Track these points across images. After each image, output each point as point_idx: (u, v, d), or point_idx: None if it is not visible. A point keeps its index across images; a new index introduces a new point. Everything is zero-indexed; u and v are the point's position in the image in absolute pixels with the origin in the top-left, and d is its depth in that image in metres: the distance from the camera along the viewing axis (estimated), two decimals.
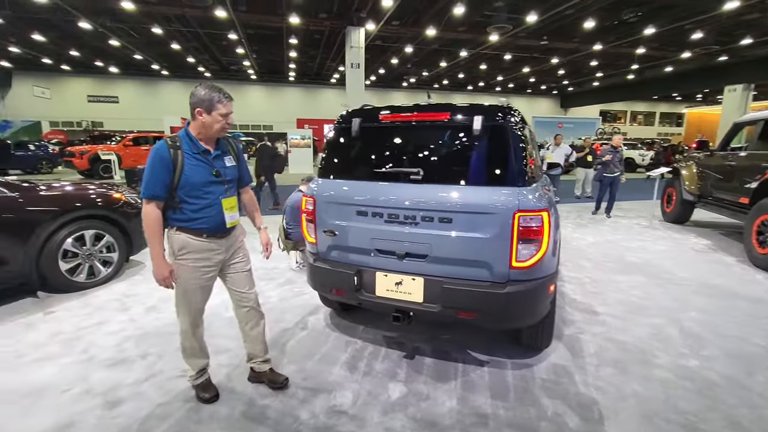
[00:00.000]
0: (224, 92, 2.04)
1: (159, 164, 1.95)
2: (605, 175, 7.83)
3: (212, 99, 1.99)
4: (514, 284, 2.30)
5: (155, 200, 1.98)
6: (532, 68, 24.34)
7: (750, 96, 20.26)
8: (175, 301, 2.18)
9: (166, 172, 1.95)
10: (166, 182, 1.96)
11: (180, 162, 1.98)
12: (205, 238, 2.10)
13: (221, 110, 2.01)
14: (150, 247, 2.00)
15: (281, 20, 15.44)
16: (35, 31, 17.25)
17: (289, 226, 4.69)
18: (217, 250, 2.16)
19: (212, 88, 2.02)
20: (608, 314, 3.51)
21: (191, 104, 2.02)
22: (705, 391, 2.43)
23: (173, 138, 2.04)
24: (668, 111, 38.21)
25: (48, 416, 2.15)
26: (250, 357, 2.46)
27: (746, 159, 5.46)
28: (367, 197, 2.54)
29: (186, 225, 2.06)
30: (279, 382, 2.42)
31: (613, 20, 15.22)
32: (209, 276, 2.17)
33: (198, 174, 2.03)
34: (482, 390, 2.45)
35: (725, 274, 4.59)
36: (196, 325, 2.23)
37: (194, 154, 2.04)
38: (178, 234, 2.07)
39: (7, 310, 3.45)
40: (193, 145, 2.04)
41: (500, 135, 2.38)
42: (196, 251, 2.09)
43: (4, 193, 3.39)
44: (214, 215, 2.09)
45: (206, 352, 2.35)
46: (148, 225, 1.99)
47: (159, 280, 2.05)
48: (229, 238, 2.22)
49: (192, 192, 2.02)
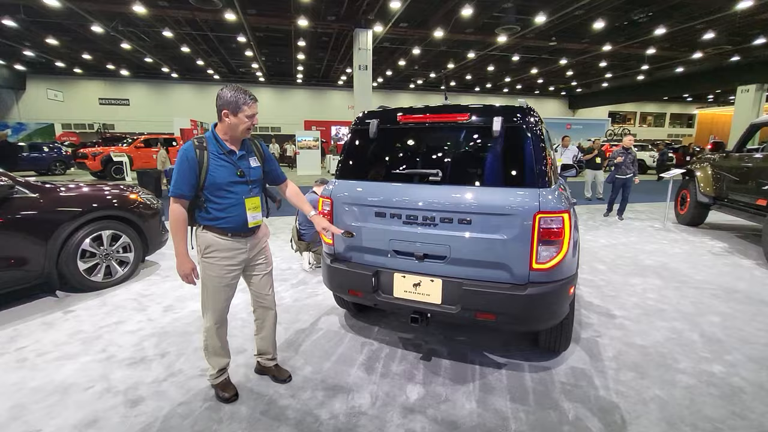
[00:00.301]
0: (250, 94, 2.08)
1: (186, 164, 2.01)
2: (617, 177, 7.74)
3: (238, 101, 2.03)
4: (534, 286, 2.29)
5: (182, 199, 2.04)
6: (541, 69, 24.21)
7: (763, 97, 19.98)
8: (201, 299, 2.24)
9: (192, 172, 2.01)
10: (192, 182, 2.03)
11: (206, 162, 2.03)
12: (230, 237, 2.15)
13: (247, 111, 2.06)
14: (174, 244, 2.08)
15: (290, 23, 15.54)
16: (49, 35, 17.52)
17: (302, 227, 4.71)
18: (241, 249, 2.21)
19: (238, 90, 2.06)
20: (625, 317, 3.47)
21: (218, 106, 2.07)
22: (731, 398, 2.38)
23: (200, 139, 2.09)
24: (679, 112, 37.77)
25: (73, 413, 2.18)
26: (260, 352, 2.55)
27: (764, 160, 5.38)
28: (386, 198, 2.54)
29: (212, 224, 2.12)
30: (283, 378, 2.50)
31: (622, 20, 15.10)
32: (233, 274, 2.22)
33: (222, 174, 2.07)
34: (501, 392, 2.44)
35: (744, 277, 4.52)
36: (220, 323, 2.27)
37: (219, 154, 2.09)
38: (204, 233, 2.14)
39: (27, 309, 3.50)
40: (218, 145, 2.10)
41: (520, 136, 2.37)
42: (222, 250, 2.14)
43: (25, 194, 3.43)
44: (238, 215, 2.14)
45: (228, 351, 2.38)
46: (173, 222, 2.06)
47: (182, 276, 2.11)
48: (252, 238, 2.27)
49: (216, 191, 2.08)
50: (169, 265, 4.78)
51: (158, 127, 26.22)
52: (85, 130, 27.96)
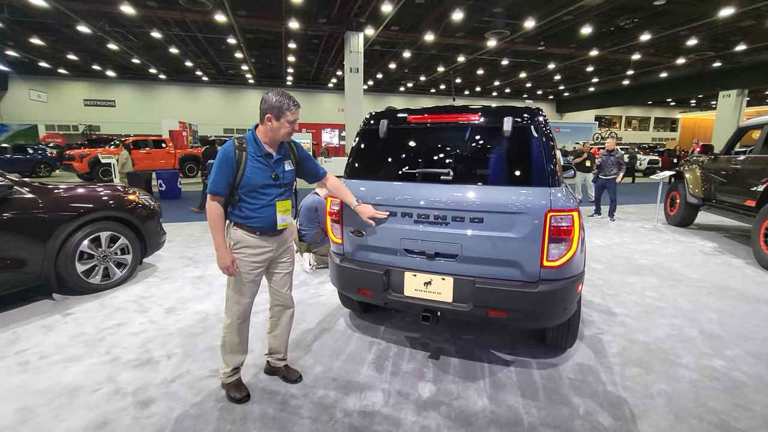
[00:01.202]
0: (293, 100, 2.14)
1: (225, 163, 2.06)
2: (600, 177, 8.12)
3: (282, 106, 2.08)
4: (545, 283, 2.32)
5: (218, 196, 2.09)
6: (529, 73, 24.59)
7: (744, 102, 20.62)
8: (226, 294, 2.28)
9: (229, 170, 2.06)
10: (229, 180, 2.07)
11: (243, 163, 2.08)
12: (258, 235, 2.20)
13: (289, 117, 2.11)
14: (214, 238, 2.13)
15: (280, 25, 15.51)
16: (33, 34, 17.17)
17: (303, 227, 4.69)
18: (268, 247, 2.25)
19: (283, 95, 2.11)
20: (626, 315, 3.54)
21: (262, 109, 2.11)
22: (733, 391, 2.45)
23: (240, 140, 2.13)
24: (663, 116, 38.71)
25: (83, 415, 2.14)
26: (271, 351, 2.53)
27: (752, 162, 5.54)
28: (397, 197, 2.56)
29: (242, 222, 2.17)
30: (293, 379, 2.50)
31: (609, 26, 15.46)
32: (258, 271, 2.27)
33: (258, 176, 2.12)
34: (512, 389, 2.46)
35: (736, 276, 4.64)
36: (243, 318, 2.29)
37: (257, 156, 2.13)
38: (235, 229, 2.19)
39: (24, 312, 3.42)
40: (257, 147, 2.14)
41: (530, 135, 2.41)
42: (249, 246, 2.19)
43: (23, 194, 3.36)
44: (268, 216, 2.19)
45: (246, 348, 2.40)
46: (211, 218, 2.11)
47: (223, 268, 2.15)
48: (279, 238, 2.31)
49: (251, 192, 2.13)
50: (168, 267, 4.72)
51: (145, 128, 25.86)
52: (70, 131, 27.43)
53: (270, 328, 2.50)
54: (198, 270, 4.64)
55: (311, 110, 31.55)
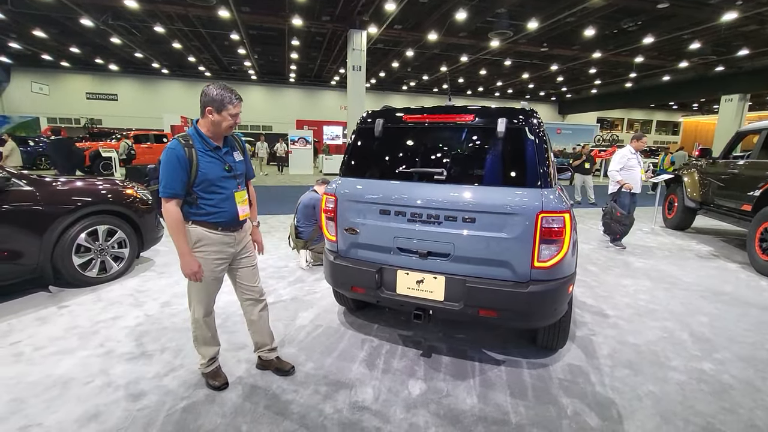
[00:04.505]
0: (235, 93, 2.10)
1: (176, 163, 2.00)
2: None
3: (223, 99, 2.05)
4: (536, 284, 2.34)
5: (175, 198, 2.04)
6: (532, 74, 24.55)
7: (746, 106, 20.57)
8: (187, 291, 2.28)
9: (183, 170, 2.01)
10: (183, 180, 2.03)
11: (195, 160, 2.05)
12: (221, 231, 2.19)
13: (231, 110, 2.08)
14: (176, 244, 2.07)
15: (284, 21, 15.49)
16: (36, 27, 17.17)
17: (300, 225, 4.71)
18: (230, 243, 2.26)
19: (224, 88, 2.07)
20: (618, 317, 3.56)
21: (202, 102, 2.07)
22: (721, 394, 2.47)
23: (185, 137, 2.09)
24: (665, 119, 38.62)
25: (74, 407, 2.16)
26: (258, 346, 2.56)
27: (749, 167, 5.55)
28: (391, 196, 2.57)
29: (203, 219, 2.14)
30: (285, 369, 2.53)
31: (612, 29, 15.42)
32: (222, 267, 2.27)
33: (213, 170, 2.11)
34: (501, 388, 2.48)
35: (730, 280, 4.66)
36: (208, 313, 2.31)
37: (206, 151, 2.11)
38: (194, 227, 2.15)
39: (19, 304, 3.44)
40: (204, 142, 2.11)
41: (523, 137, 2.43)
42: (212, 244, 2.18)
43: (21, 186, 3.38)
44: (229, 209, 2.18)
45: (217, 340, 2.43)
46: (171, 222, 2.05)
47: (189, 275, 2.10)
48: (240, 232, 2.31)
49: (208, 188, 2.11)
50: (164, 262, 4.73)
51: (147, 123, 25.88)
52: (71, 124, 27.43)
53: (248, 325, 2.51)
54: None
55: (313, 107, 31.57)
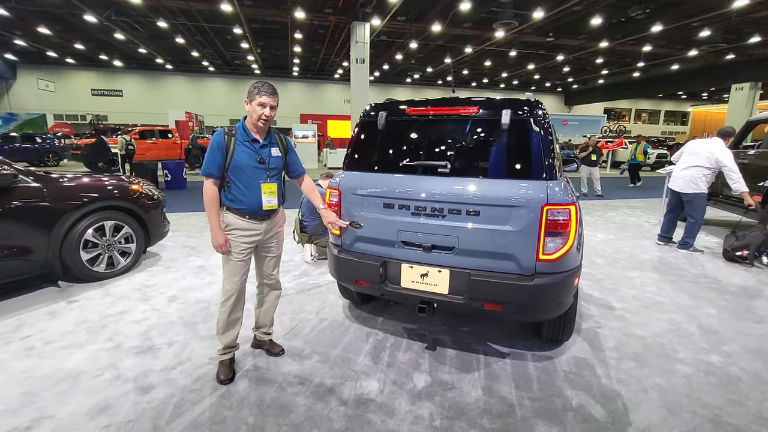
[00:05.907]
0: (266, 86, 2.29)
1: (215, 148, 2.26)
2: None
3: (253, 90, 2.29)
4: (541, 277, 2.33)
5: (211, 177, 2.28)
6: (537, 65, 24.30)
7: (757, 95, 20.23)
8: (222, 274, 2.44)
9: (219, 154, 2.26)
10: (219, 163, 2.27)
11: (231, 147, 2.28)
12: (247, 219, 2.36)
13: (257, 100, 2.27)
14: (209, 218, 2.31)
15: (286, 15, 15.44)
16: (41, 24, 17.24)
17: (305, 219, 4.72)
18: (256, 231, 2.41)
19: (258, 82, 2.31)
20: (625, 309, 3.54)
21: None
22: (728, 386, 2.45)
23: (230, 128, 2.34)
24: (673, 109, 38.11)
25: (85, 400, 2.20)
26: (258, 325, 2.74)
27: (760, 157, 5.46)
28: (394, 190, 2.57)
29: (232, 205, 2.34)
30: (275, 352, 2.72)
31: (620, 17, 15.19)
32: (247, 251, 2.42)
33: (244, 158, 2.30)
34: (506, 380, 2.48)
35: (738, 271, 4.61)
36: (237, 295, 2.44)
37: (244, 141, 2.32)
38: (227, 213, 2.36)
39: (29, 299, 3.49)
40: (244, 134, 2.34)
41: (528, 128, 2.40)
42: (239, 229, 2.36)
43: (29, 183, 3.41)
44: (253, 197, 2.34)
45: (240, 323, 2.53)
46: (206, 198, 2.28)
47: (216, 246, 2.33)
48: (268, 222, 2.45)
49: (238, 174, 2.30)
50: (171, 256, 4.78)
51: (152, 118, 25.99)
52: (77, 121, 27.63)
53: (257, 303, 2.70)
54: (200, 260, 4.69)
55: (317, 101, 31.51)
